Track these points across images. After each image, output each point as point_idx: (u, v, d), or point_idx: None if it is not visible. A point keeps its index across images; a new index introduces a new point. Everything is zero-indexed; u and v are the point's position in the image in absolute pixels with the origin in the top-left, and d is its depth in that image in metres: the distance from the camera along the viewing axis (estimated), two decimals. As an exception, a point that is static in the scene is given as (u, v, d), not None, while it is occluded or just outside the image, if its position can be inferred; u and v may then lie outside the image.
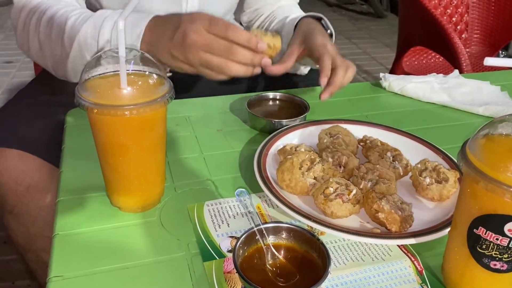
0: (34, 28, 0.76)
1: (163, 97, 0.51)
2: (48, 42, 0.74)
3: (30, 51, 0.79)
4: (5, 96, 2.58)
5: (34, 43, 0.76)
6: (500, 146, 0.42)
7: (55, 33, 0.73)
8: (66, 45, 0.72)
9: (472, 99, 0.89)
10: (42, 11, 0.75)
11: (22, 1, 0.79)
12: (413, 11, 1.55)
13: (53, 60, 0.75)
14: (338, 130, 0.71)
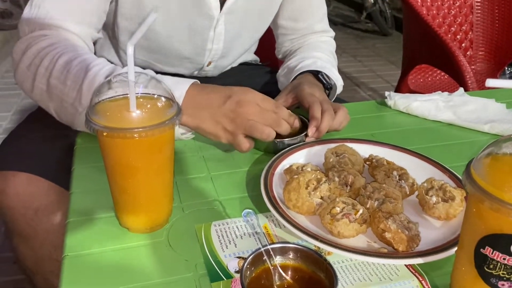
0: (44, 70, 0.72)
1: (172, 119, 0.52)
2: (61, 87, 0.70)
3: (32, 91, 0.75)
4: (16, 117, 2.62)
5: (41, 84, 0.73)
6: (505, 166, 0.43)
7: (71, 80, 0.69)
8: (84, 95, 0.68)
9: (478, 117, 0.90)
10: (57, 54, 0.72)
11: (28, 39, 0.76)
12: (417, 29, 1.57)
13: (61, 105, 0.72)
14: (344, 149, 0.71)
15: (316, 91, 0.84)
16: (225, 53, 1.02)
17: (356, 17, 5.36)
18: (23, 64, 0.74)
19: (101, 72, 0.68)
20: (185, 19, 0.90)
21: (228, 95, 0.68)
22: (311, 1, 1.05)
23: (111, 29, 0.94)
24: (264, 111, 0.68)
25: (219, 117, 0.68)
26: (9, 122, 2.56)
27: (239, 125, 0.67)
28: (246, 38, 1.06)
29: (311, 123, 0.77)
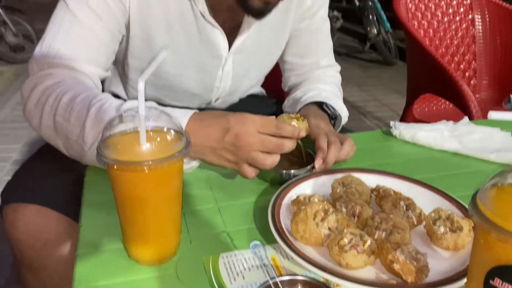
0: (50, 108, 0.74)
1: (180, 152, 0.53)
2: (66, 125, 0.72)
3: (40, 128, 0.76)
4: (25, 149, 2.65)
5: (48, 122, 0.74)
6: (510, 196, 0.43)
7: (74, 117, 0.71)
8: (87, 133, 0.69)
9: (483, 146, 0.90)
10: (61, 92, 0.74)
11: (36, 78, 0.78)
12: (421, 60, 1.59)
13: (68, 142, 0.73)
14: (350, 179, 0.72)
15: (321, 123, 0.85)
16: (233, 90, 1.05)
17: (360, 48, 5.45)
18: (31, 102, 0.76)
19: (102, 108, 0.70)
20: (194, 58, 0.93)
21: (226, 128, 0.67)
22: (317, 38, 1.07)
23: (121, 66, 0.97)
24: (264, 140, 0.67)
25: (220, 151, 0.68)
26: (18, 154, 2.60)
27: (241, 157, 0.67)
28: (253, 75, 1.08)
29: (317, 155, 0.77)
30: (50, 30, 0.81)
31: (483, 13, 1.83)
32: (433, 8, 1.81)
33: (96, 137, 0.69)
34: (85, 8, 0.79)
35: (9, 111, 3.32)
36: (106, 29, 0.82)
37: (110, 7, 0.81)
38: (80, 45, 0.80)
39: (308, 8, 1.00)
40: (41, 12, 7.45)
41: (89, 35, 0.81)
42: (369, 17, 4.63)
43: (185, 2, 0.86)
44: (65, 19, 0.80)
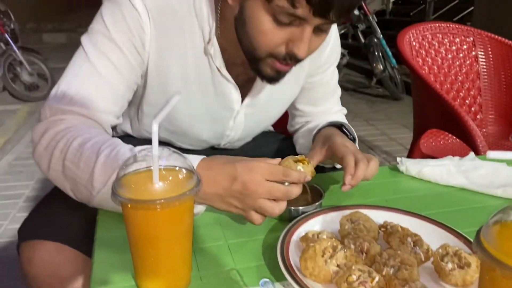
0: (59, 152, 0.75)
1: (191, 190, 0.55)
2: (75, 169, 0.73)
3: (49, 171, 0.77)
4: (38, 186, 2.69)
5: (57, 166, 0.75)
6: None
7: (84, 163, 0.72)
8: (95, 179, 0.71)
9: (490, 182, 0.91)
10: (72, 137, 0.75)
11: (48, 123, 0.79)
12: (426, 96, 1.62)
13: (76, 186, 0.74)
14: (358, 216, 0.73)
15: (347, 142, 0.87)
16: (243, 137, 1.08)
17: (367, 83, 5.52)
18: (41, 146, 0.77)
19: (111, 154, 0.71)
20: (207, 109, 0.96)
21: (233, 177, 0.67)
22: (328, 89, 1.10)
23: (134, 111, 1.00)
24: (271, 188, 0.68)
25: (228, 199, 0.69)
26: (31, 190, 2.63)
27: (248, 205, 0.68)
28: (264, 124, 1.11)
29: (346, 172, 0.79)
30: (66, 77, 0.83)
31: (486, 50, 1.87)
32: (436, 46, 1.85)
33: (105, 182, 0.70)
34: (104, 59, 0.81)
35: (23, 148, 3.38)
36: (123, 81, 0.84)
37: (129, 61, 0.83)
38: (95, 95, 0.82)
39: (321, 65, 1.03)
40: (55, 52, 7.68)
41: (106, 85, 0.82)
42: (375, 54, 4.71)
43: (203, 57, 0.88)
44: (83, 68, 0.82)
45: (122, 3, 0.81)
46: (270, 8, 0.72)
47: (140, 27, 0.82)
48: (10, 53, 4.76)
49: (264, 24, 0.74)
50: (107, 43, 0.81)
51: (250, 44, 0.78)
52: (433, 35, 1.84)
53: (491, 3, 3.36)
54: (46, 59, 5.13)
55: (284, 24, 0.74)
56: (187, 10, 0.84)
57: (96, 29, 0.83)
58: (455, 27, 1.89)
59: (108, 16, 0.82)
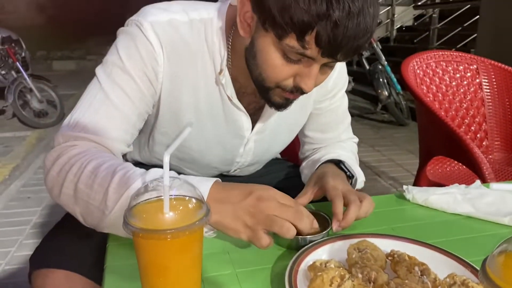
0: (73, 176, 0.76)
1: (201, 220, 0.57)
2: (88, 191, 0.74)
3: (59, 196, 0.78)
4: (46, 212, 2.70)
5: (69, 190, 0.77)
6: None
7: (98, 184, 0.74)
8: (109, 198, 0.72)
9: (497, 209, 0.91)
10: (86, 161, 0.77)
11: (61, 149, 0.81)
12: (431, 124, 1.63)
13: (87, 209, 0.76)
14: (366, 244, 0.73)
15: (339, 183, 0.88)
16: (252, 163, 1.09)
17: (372, 109, 5.55)
18: (53, 171, 0.79)
19: (126, 175, 0.73)
20: (218, 137, 0.98)
21: (249, 191, 0.71)
22: (337, 115, 1.12)
23: (145, 139, 1.02)
24: (284, 206, 0.70)
25: (239, 212, 0.70)
26: (38, 217, 2.65)
27: (259, 220, 0.70)
28: (273, 151, 1.13)
29: (334, 219, 0.80)
30: (80, 106, 0.85)
31: (489, 77, 1.89)
32: (440, 73, 1.87)
33: (117, 201, 0.71)
34: (118, 90, 0.84)
35: (32, 174, 3.42)
36: (136, 111, 0.87)
37: (142, 92, 0.86)
38: (108, 123, 0.84)
39: (329, 91, 1.05)
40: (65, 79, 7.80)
41: (118, 115, 0.84)
42: (380, 80, 4.75)
43: (215, 87, 0.91)
44: (97, 97, 0.84)
45: (137, 35, 0.84)
46: (280, 46, 0.75)
47: (154, 59, 0.84)
48: (21, 81, 4.86)
49: (274, 59, 0.77)
50: (121, 74, 0.84)
51: (260, 75, 0.81)
52: (437, 63, 1.87)
53: (494, 30, 3.41)
54: (56, 86, 5.22)
55: (293, 61, 0.76)
56: (199, 42, 0.87)
57: (111, 61, 0.86)
58: (458, 55, 1.92)
59: (123, 48, 0.85)
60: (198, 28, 0.87)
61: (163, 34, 0.84)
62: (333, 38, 0.69)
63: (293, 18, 0.69)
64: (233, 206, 0.71)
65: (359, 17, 0.69)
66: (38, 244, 0.90)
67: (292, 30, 0.71)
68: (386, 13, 7.79)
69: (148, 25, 0.84)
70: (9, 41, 5.27)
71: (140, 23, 0.84)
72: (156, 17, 0.85)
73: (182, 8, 0.88)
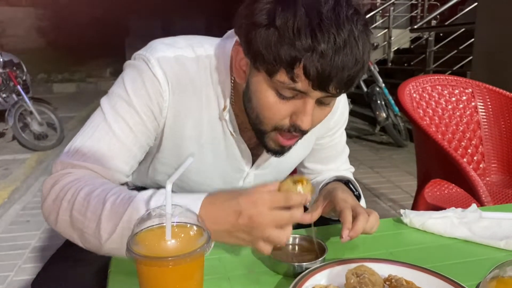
0: (67, 203, 0.77)
1: (202, 247, 0.58)
2: (82, 219, 0.75)
3: (56, 224, 0.79)
4: (45, 236, 2.69)
5: (65, 216, 0.77)
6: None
7: (91, 211, 0.74)
8: (103, 227, 0.73)
9: (493, 233, 0.92)
10: (79, 187, 0.77)
11: (57, 176, 0.82)
12: (428, 147, 1.65)
13: (83, 237, 0.76)
14: (364, 269, 0.74)
15: (349, 198, 0.90)
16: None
17: (371, 130, 5.59)
18: (50, 199, 0.79)
19: (116, 202, 0.73)
20: (218, 169, 0.99)
21: (238, 211, 0.70)
22: (336, 149, 1.14)
23: (146, 169, 1.03)
24: (276, 217, 0.70)
25: (236, 233, 0.72)
26: (37, 240, 2.64)
27: (256, 237, 0.71)
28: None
29: (343, 227, 0.81)
30: (82, 135, 0.86)
31: (485, 101, 1.93)
32: (437, 97, 1.91)
33: (112, 232, 0.72)
34: (121, 122, 0.85)
35: (31, 197, 3.41)
36: (137, 144, 0.87)
37: (146, 125, 0.87)
38: (108, 153, 0.84)
39: (330, 129, 1.08)
40: (65, 101, 7.86)
41: (119, 146, 0.85)
42: (377, 102, 4.80)
43: (218, 122, 0.92)
44: (100, 127, 0.85)
45: (144, 70, 0.85)
46: (273, 83, 0.76)
47: (160, 95, 0.86)
48: (21, 104, 4.89)
49: (268, 98, 0.78)
50: (126, 107, 0.85)
51: (257, 118, 0.82)
52: (432, 87, 1.91)
53: (489, 52, 3.47)
54: (56, 109, 5.26)
55: (287, 98, 0.77)
56: (205, 79, 0.89)
57: (117, 93, 0.87)
58: (453, 79, 1.95)
59: (129, 82, 0.86)
60: (205, 64, 0.89)
61: (169, 70, 0.86)
62: (321, 69, 0.71)
63: (280, 54, 0.71)
64: (227, 228, 0.72)
65: (346, 48, 0.71)
66: (37, 268, 0.91)
67: (280, 65, 0.73)
68: (383, 35, 7.91)
69: (155, 61, 0.85)
70: (11, 65, 5.32)
71: (148, 58, 0.86)
72: (164, 53, 0.86)
73: (189, 44, 0.90)
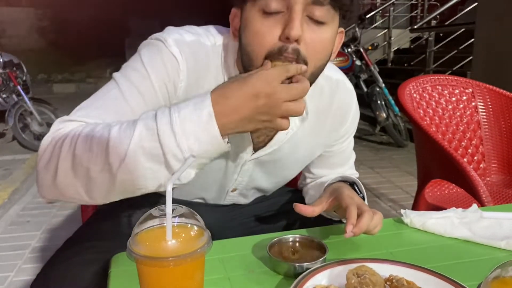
0: (67, 147, 0.73)
1: (203, 247, 0.58)
2: (87, 157, 0.71)
3: (56, 177, 0.74)
4: (45, 236, 2.69)
5: (66, 163, 0.73)
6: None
7: (96, 144, 0.71)
8: (112, 154, 0.70)
9: (493, 233, 0.92)
10: (77, 132, 0.75)
11: (53, 133, 0.79)
12: (429, 147, 1.65)
13: (89, 180, 0.72)
14: (364, 269, 0.74)
15: (355, 196, 0.90)
16: (251, 187, 1.12)
17: (371, 130, 5.58)
18: (47, 153, 0.76)
19: (122, 127, 0.72)
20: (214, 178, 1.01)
21: (256, 94, 0.71)
22: (344, 155, 1.15)
23: None
24: (290, 89, 0.72)
25: (256, 117, 0.73)
26: (37, 241, 2.64)
27: (276, 114, 0.73)
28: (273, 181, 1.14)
29: (347, 222, 0.81)
30: (90, 98, 0.85)
31: (485, 101, 1.93)
32: (437, 97, 1.91)
33: (123, 154, 0.69)
34: (134, 90, 0.84)
35: (31, 198, 3.41)
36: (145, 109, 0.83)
37: (159, 99, 0.86)
38: (115, 116, 0.81)
39: (341, 136, 1.09)
40: (65, 102, 7.84)
41: (129, 111, 0.83)
42: (377, 102, 4.80)
43: None
44: (111, 93, 0.84)
45: (162, 48, 0.86)
46: (258, 6, 0.79)
47: (177, 73, 0.87)
48: (21, 104, 4.89)
49: (256, 20, 0.79)
50: (141, 79, 0.85)
51: (251, 53, 0.81)
52: (433, 87, 1.91)
53: (488, 52, 3.47)
54: (56, 109, 5.25)
55: (273, 14, 0.78)
56: (217, 65, 0.91)
57: (132, 66, 0.87)
58: (454, 79, 1.95)
59: (148, 57, 0.86)
60: (219, 52, 0.91)
61: (187, 51, 0.87)
62: None
63: None
64: (249, 114, 0.72)
65: None
66: (37, 269, 0.91)
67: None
68: (383, 35, 7.91)
69: (173, 41, 0.86)
70: (11, 65, 5.32)
71: (165, 38, 0.87)
72: (181, 36, 0.88)
73: (205, 32, 0.92)
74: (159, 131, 0.69)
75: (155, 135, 0.69)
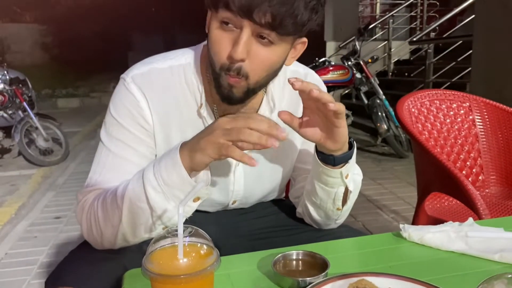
0: (93, 219, 0.93)
1: (212, 265, 0.63)
2: (103, 220, 0.92)
3: (102, 241, 0.93)
4: (53, 251, 2.73)
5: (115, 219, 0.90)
6: (497, 302, 0.50)
7: (110, 210, 0.90)
8: (119, 204, 0.88)
9: (488, 247, 0.96)
10: (94, 205, 0.93)
11: (81, 204, 0.97)
12: (427, 161, 1.70)
13: (118, 230, 0.91)
14: (364, 283, 0.78)
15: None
16: (247, 195, 1.15)
17: (373, 141, 5.62)
18: (84, 223, 0.95)
19: (130, 184, 0.89)
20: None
21: (213, 128, 0.82)
22: None
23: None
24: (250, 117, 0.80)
25: (213, 138, 0.81)
26: (45, 256, 2.67)
27: (232, 137, 0.80)
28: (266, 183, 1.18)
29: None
30: (92, 166, 1.00)
31: (482, 114, 1.97)
32: (435, 111, 1.95)
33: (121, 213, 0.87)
34: (117, 142, 0.97)
35: (38, 213, 3.45)
36: (135, 153, 0.98)
37: (139, 137, 0.98)
38: (113, 174, 0.96)
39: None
40: (69, 116, 7.90)
41: (120, 161, 0.97)
42: (378, 114, 4.85)
43: (198, 119, 1.03)
44: (102, 154, 0.99)
45: (121, 91, 0.99)
46: (217, 18, 0.86)
47: (139, 107, 0.97)
48: (27, 120, 4.96)
49: (214, 30, 0.87)
50: (118, 129, 0.98)
51: (212, 61, 0.91)
52: (430, 101, 1.95)
53: (486, 63, 3.52)
54: (61, 124, 5.32)
55: (227, 30, 0.85)
56: (179, 84, 1.00)
57: (108, 121, 1.00)
58: (451, 93, 2.00)
59: (113, 106, 0.99)
60: (178, 72, 1.00)
61: (142, 82, 0.98)
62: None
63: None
64: (205, 136, 0.83)
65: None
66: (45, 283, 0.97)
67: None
68: (383, 47, 7.99)
69: (130, 79, 0.98)
70: (17, 82, 5.40)
71: (124, 79, 0.99)
72: (138, 70, 1.00)
73: (163, 57, 1.03)
74: (144, 179, 0.89)
75: (140, 183, 0.89)
